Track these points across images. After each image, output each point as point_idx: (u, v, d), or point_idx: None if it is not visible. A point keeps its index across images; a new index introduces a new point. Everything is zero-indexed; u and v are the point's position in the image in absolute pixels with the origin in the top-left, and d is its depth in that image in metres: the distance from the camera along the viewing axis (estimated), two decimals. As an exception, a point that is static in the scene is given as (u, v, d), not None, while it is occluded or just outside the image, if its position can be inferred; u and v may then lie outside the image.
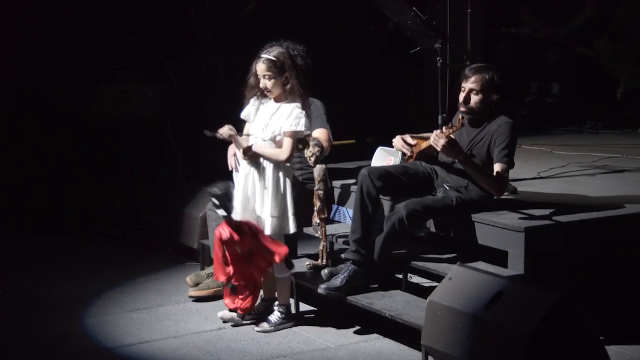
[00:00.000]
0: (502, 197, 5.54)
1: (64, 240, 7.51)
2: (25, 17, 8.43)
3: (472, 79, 5.25)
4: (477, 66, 5.35)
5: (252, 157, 5.30)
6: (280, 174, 5.29)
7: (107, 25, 8.54)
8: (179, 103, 8.37)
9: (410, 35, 6.42)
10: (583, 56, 9.27)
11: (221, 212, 5.23)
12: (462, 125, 5.11)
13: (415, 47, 6.57)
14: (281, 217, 5.27)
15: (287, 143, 5.25)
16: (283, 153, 5.25)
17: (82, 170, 8.54)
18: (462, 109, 5.26)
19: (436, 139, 5.06)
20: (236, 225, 5.24)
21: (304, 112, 5.27)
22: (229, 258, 5.26)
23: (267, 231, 5.27)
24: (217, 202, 5.21)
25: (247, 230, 5.24)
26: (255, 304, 5.45)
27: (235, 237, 5.21)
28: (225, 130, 5.31)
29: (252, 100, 5.40)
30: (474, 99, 5.25)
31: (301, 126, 5.24)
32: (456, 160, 5.20)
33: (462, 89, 5.30)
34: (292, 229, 5.31)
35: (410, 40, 6.55)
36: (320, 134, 5.82)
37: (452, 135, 5.10)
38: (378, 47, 9.19)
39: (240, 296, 5.36)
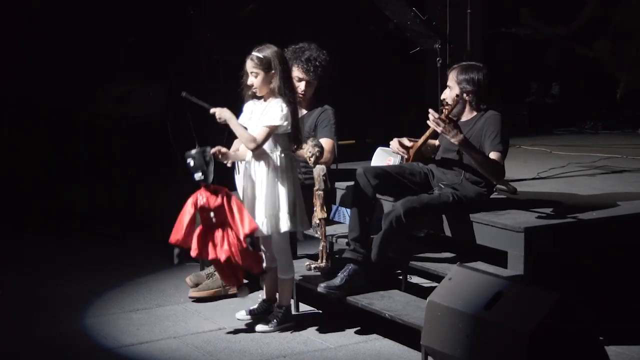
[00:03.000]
0: (502, 197, 5.56)
1: (63, 240, 7.50)
2: (26, 17, 8.44)
3: (448, 75, 5.39)
4: (457, 65, 5.44)
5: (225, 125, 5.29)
6: (272, 173, 5.26)
7: (107, 26, 8.55)
8: (179, 103, 8.37)
9: (410, 35, 6.44)
10: (583, 56, 9.28)
11: (197, 175, 5.16)
12: (457, 102, 5.18)
13: (415, 48, 6.58)
14: (275, 215, 5.26)
15: (260, 132, 5.22)
16: (252, 140, 5.21)
17: (82, 170, 8.54)
18: (444, 103, 5.35)
19: (437, 121, 5.05)
20: (214, 190, 5.18)
21: (284, 106, 5.21)
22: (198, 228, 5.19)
23: (261, 232, 5.27)
24: (192, 164, 5.13)
25: (223, 199, 5.17)
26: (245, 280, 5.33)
27: (212, 204, 5.15)
28: (220, 112, 5.28)
29: (247, 104, 5.40)
30: (449, 94, 5.35)
31: (277, 120, 5.20)
32: (456, 144, 5.18)
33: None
34: (284, 227, 5.26)
35: (410, 41, 6.56)
36: (324, 143, 5.80)
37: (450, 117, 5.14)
38: (378, 47, 9.19)
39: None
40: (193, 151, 5.19)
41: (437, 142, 5.53)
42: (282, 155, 5.28)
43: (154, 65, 8.52)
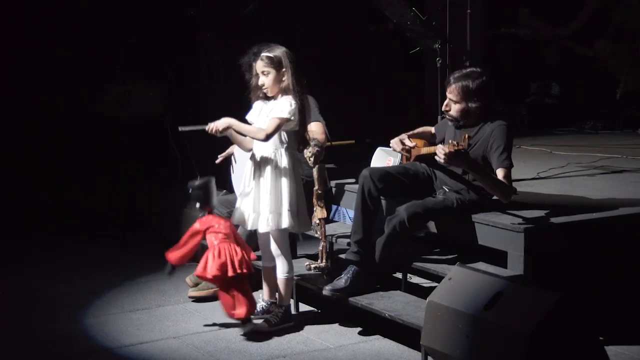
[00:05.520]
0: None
1: (64, 240, 7.51)
2: (26, 17, 8.44)
3: (450, 88, 5.24)
4: (457, 75, 5.27)
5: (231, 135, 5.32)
6: (276, 170, 5.26)
7: (108, 26, 8.55)
8: (178, 103, 8.38)
9: (410, 35, 6.43)
10: (583, 56, 9.28)
11: (198, 205, 5.32)
12: (469, 145, 4.99)
13: (415, 48, 6.57)
14: (277, 212, 5.26)
15: (269, 123, 5.20)
16: (262, 131, 5.20)
17: (82, 170, 8.55)
18: (446, 115, 5.27)
19: (449, 156, 4.93)
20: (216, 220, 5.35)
21: (293, 102, 5.21)
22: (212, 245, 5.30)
23: (263, 228, 5.28)
24: (194, 194, 5.29)
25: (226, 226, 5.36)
26: (251, 310, 5.34)
27: (215, 223, 5.32)
28: (217, 123, 5.28)
29: (256, 103, 5.40)
30: (454, 107, 5.25)
31: (286, 113, 5.18)
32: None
33: (447, 96, 5.30)
34: (284, 224, 5.26)
35: (410, 41, 6.55)
36: (315, 126, 5.82)
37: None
38: (378, 47, 9.20)
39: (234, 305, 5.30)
40: (195, 182, 5.31)
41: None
42: (287, 153, 5.29)
43: (154, 65, 8.52)
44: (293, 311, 5.60)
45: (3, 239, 7.44)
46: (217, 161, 6.07)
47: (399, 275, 5.57)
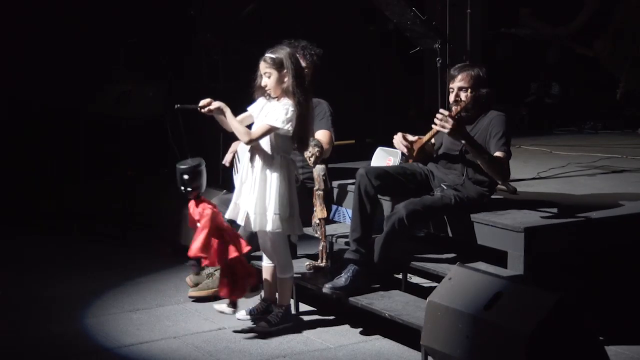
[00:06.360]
0: (502, 197, 5.56)
1: (63, 240, 7.51)
2: (26, 16, 8.44)
3: (459, 77, 5.29)
4: (461, 65, 5.39)
5: (217, 115, 5.27)
6: (266, 172, 5.26)
7: (107, 26, 8.55)
8: (178, 103, 8.36)
9: (410, 35, 6.44)
10: (583, 56, 9.28)
11: (183, 189, 5.17)
12: (467, 103, 5.10)
13: (415, 48, 6.58)
14: (263, 214, 5.26)
15: (259, 128, 5.22)
16: (247, 133, 5.20)
17: (82, 170, 8.54)
18: (454, 108, 5.23)
19: (445, 119, 5.01)
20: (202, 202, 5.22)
21: (290, 109, 5.20)
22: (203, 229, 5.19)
23: (249, 227, 5.27)
24: (183, 177, 5.14)
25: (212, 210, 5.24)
26: (247, 292, 5.31)
27: (202, 210, 5.19)
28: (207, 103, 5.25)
29: (260, 99, 5.39)
30: (464, 96, 5.26)
31: (279, 122, 5.18)
32: (461, 146, 5.19)
33: (451, 89, 5.33)
34: (269, 227, 5.23)
35: (410, 41, 6.56)
36: (322, 135, 5.82)
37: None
38: (378, 47, 9.20)
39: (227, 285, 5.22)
40: (185, 165, 5.20)
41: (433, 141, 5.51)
42: (279, 157, 5.27)
43: (154, 65, 8.52)
44: (293, 311, 5.60)
45: (3, 239, 7.44)
46: (226, 162, 6.05)
47: (399, 275, 5.57)
